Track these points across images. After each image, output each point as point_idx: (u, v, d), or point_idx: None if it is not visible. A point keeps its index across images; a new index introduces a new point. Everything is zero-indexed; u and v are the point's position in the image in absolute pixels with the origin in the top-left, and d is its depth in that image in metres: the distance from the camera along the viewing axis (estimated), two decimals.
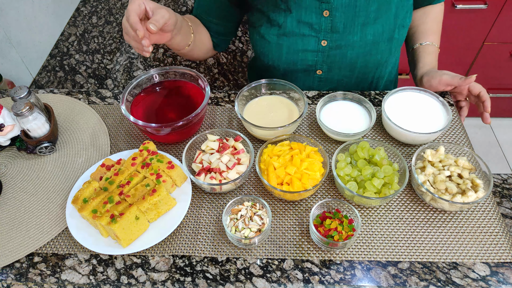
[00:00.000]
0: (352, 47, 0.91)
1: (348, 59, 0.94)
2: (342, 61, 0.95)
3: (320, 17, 0.88)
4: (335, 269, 0.69)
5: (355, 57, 0.93)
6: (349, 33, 0.89)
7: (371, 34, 0.89)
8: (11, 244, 0.73)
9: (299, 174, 0.74)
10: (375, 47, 0.92)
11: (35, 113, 0.81)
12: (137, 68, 1.16)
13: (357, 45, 0.91)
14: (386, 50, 0.94)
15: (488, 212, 0.75)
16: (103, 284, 0.69)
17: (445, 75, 0.90)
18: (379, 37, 0.90)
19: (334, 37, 0.90)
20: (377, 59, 0.95)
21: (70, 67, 1.18)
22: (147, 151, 0.80)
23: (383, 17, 0.88)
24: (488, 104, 0.87)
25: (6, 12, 1.17)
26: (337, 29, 0.89)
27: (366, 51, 0.92)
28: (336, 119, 0.88)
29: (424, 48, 1.01)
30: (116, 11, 1.37)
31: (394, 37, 0.92)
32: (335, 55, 0.93)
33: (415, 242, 0.72)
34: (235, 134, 0.82)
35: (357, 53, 0.92)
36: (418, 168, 0.79)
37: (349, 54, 0.93)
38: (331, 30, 0.89)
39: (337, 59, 0.94)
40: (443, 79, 0.90)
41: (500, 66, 1.83)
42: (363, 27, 0.88)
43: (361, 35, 0.89)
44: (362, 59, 0.94)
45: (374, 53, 0.93)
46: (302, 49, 0.93)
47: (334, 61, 0.95)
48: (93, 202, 0.71)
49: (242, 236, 0.69)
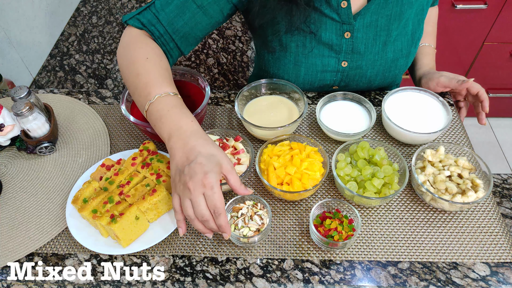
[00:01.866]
0: (373, 66, 0.91)
1: (367, 77, 0.93)
2: (361, 79, 0.94)
3: (341, 38, 0.86)
4: (335, 269, 0.69)
5: (375, 75, 0.93)
6: (370, 53, 0.88)
7: (391, 52, 0.89)
8: (11, 244, 0.73)
9: (299, 174, 0.74)
10: (394, 63, 0.91)
11: (35, 113, 0.81)
12: None
13: (377, 63, 0.90)
14: (404, 65, 0.93)
15: (488, 212, 0.75)
16: (103, 284, 0.69)
17: (443, 77, 0.90)
18: (398, 53, 0.90)
19: (355, 58, 0.89)
20: (395, 73, 0.95)
21: (70, 67, 1.18)
22: (147, 151, 0.80)
23: (402, 34, 0.88)
24: (486, 104, 0.87)
25: (6, 12, 1.17)
26: (358, 50, 0.88)
27: (385, 68, 0.92)
28: (336, 119, 0.88)
29: (421, 49, 1.02)
30: (116, 11, 1.37)
31: (411, 52, 0.92)
32: (354, 75, 0.92)
33: (415, 242, 0.72)
34: (235, 134, 0.82)
35: (377, 71, 0.92)
36: (418, 168, 0.79)
37: (369, 73, 0.92)
38: (352, 51, 0.88)
39: (356, 78, 0.93)
40: (441, 81, 0.90)
41: (500, 66, 1.83)
42: (384, 46, 0.88)
43: (381, 54, 0.89)
44: (381, 76, 0.94)
45: (393, 69, 0.93)
46: (321, 70, 0.91)
47: (353, 80, 0.94)
48: (93, 202, 0.71)
49: (241, 234, 0.69)
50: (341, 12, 0.82)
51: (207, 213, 0.61)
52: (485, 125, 0.88)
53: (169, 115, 0.67)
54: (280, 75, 0.94)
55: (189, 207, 0.61)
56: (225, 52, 1.19)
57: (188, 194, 0.60)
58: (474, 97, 0.90)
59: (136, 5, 1.37)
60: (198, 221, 0.62)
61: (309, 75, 0.92)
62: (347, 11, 0.82)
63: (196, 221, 0.62)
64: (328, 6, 0.82)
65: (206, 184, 0.59)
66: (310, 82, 0.94)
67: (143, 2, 1.39)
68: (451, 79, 0.89)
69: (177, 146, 0.64)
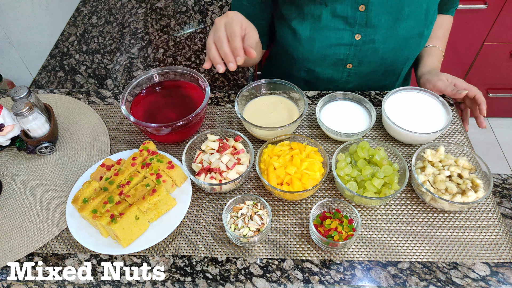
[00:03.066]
0: (384, 42, 0.92)
1: (379, 53, 0.94)
2: (374, 56, 0.95)
3: (356, 11, 0.88)
4: (335, 269, 0.69)
5: (387, 52, 0.94)
6: (382, 27, 0.90)
7: (403, 29, 0.90)
8: (11, 244, 0.73)
9: (299, 174, 0.74)
10: (406, 42, 0.92)
11: (35, 113, 0.81)
12: (137, 68, 1.16)
13: (389, 40, 0.91)
14: (416, 46, 0.95)
15: (488, 212, 0.75)
16: (103, 284, 0.69)
17: (440, 81, 0.91)
18: (410, 32, 0.91)
19: (368, 32, 0.90)
20: (405, 54, 0.96)
21: (70, 67, 1.18)
22: (147, 151, 0.80)
23: (415, 12, 0.89)
24: (483, 107, 0.87)
25: (6, 12, 1.17)
26: (371, 24, 0.89)
27: (397, 46, 0.93)
28: (336, 119, 0.88)
29: (427, 50, 1.03)
30: (116, 11, 1.37)
31: (424, 34, 0.93)
32: (367, 50, 0.94)
33: (415, 242, 0.72)
34: (235, 134, 0.82)
35: (388, 48, 0.93)
36: (418, 168, 0.79)
37: (381, 49, 0.93)
38: (366, 24, 0.89)
39: (369, 53, 0.94)
40: (437, 85, 0.91)
41: (500, 66, 1.83)
42: (396, 22, 0.89)
43: (394, 31, 0.90)
44: (392, 54, 0.95)
45: (404, 48, 0.94)
46: (335, 43, 0.93)
47: (366, 56, 0.95)
48: (93, 202, 0.71)
49: (241, 234, 0.69)
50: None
51: (223, 36, 0.72)
52: (485, 127, 0.88)
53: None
54: (295, 48, 0.96)
55: (211, 34, 0.74)
56: None
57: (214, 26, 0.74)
58: (471, 101, 0.89)
59: (136, 5, 1.37)
60: (215, 48, 0.73)
61: (323, 49, 0.94)
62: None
63: (213, 47, 0.73)
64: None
65: (227, 14, 0.74)
66: (323, 56, 0.95)
67: (143, 2, 1.39)
68: (447, 85, 0.90)
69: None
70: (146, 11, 1.37)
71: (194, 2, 1.39)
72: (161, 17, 1.33)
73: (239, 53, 0.71)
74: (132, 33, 1.28)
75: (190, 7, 1.37)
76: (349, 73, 1.00)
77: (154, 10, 1.37)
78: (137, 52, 1.20)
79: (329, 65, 0.98)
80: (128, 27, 1.30)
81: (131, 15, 1.35)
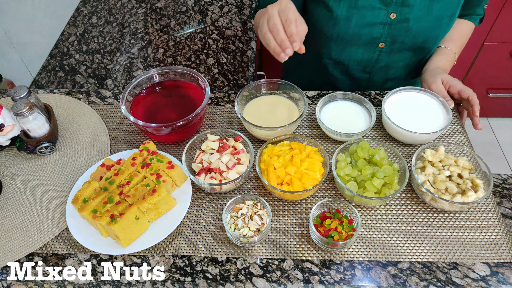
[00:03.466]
0: (418, 21, 0.92)
1: (412, 32, 0.95)
2: (406, 35, 0.95)
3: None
4: (335, 269, 0.69)
5: (419, 32, 0.94)
6: (418, 7, 0.90)
7: (437, 10, 0.91)
8: (11, 244, 0.73)
9: (299, 174, 0.74)
10: (437, 22, 0.93)
11: (35, 113, 0.81)
12: (137, 68, 1.16)
13: (422, 19, 0.92)
14: (445, 27, 0.96)
15: (488, 212, 0.75)
16: (103, 284, 0.69)
17: (434, 84, 0.91)
18: (443, 13, 0.92)
19: (404, 11, 0.91)
20: (436, 34, 0.97)
21: (70, 67, 1.18)
22: (147, 151, 0.80)
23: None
24: (475, 109, 0.86)
25: (6, 12, 1.17)
26: (407, 3, 0.90)
27: (429, 26, 0.93)
28: (336, 119, 0.88)
29: (438, 50, 1.03)
30: (116, 11, 1.37)
31: (455, 14, 0.94)
32: (400, 28, 0.94)
33: (415, 242, 0.72)
34: (235, 134, 0.82)
35: (421, 27, 0.93)
36: (418, 168, 0.79)
37: (414, 28, 0.94)
38: (402, 3, 0.90)
39: (402, 32, 0.95)
40: (431, 88, 0.92)
41: (500, 66, 1.83)
42: (432, 1, 0.90)
43: (428, 10, 0.91)
44: (424, 34, 0.95)
45: (436, 28, 0.94)
46: (370, 22, 0.93)
47: (399, 35, 0.95)
48: (93, 202, 0.71)
49: (241, 234, 0.69)
50: None
51: (278, 22, 0.71)
52: (480, 129, 0.87)
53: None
54: (330, 28, 0.96)
55: (265, 23, 0.74)
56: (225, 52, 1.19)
57: (267, 14, 0.74)
58: (466, 102, 0.89)
59: (136, 5, 1.37)
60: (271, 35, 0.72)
61: (358, 27, 0.94)
62: None
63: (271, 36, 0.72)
64: None
65: (281, 1, 0.74)
66: (358, 35, 0.96)
67: (143, 2, 1.39)
68: (440, 90, 0.90)
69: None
70: (146, 11, 1.37)
71: (194, 2, 1.39)
72: (161, 17, 1.33)
73: (295, 38, 0.71)
74: (132, 33, 1.28)
75: (190, 7, 1.37)
76: (380, 52, 1.00)
77: (154, 10, 1.37)
78: (137, 52, 1.20)
79: (363, 44, 0.98)
80: (128, 27, 1.30)
81: (131, 15, 1.35)
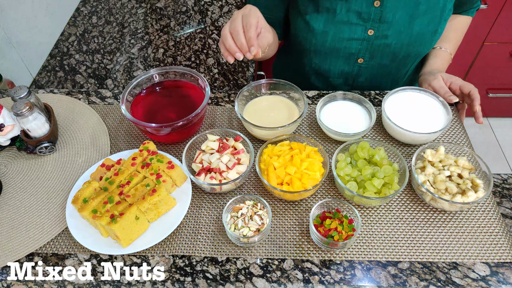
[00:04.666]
0: (398, 38, 0.92)
1: (392, 48, 0.94)
2: (385, 51, 0.95)
3: (370, 6, 0.88)
4: (335, 269, 0.69)
5: (399, 48, 0.94)
6: (396, 23, 0.90)
7: (417, 26, 0.90)
8: (11, 244, 0.73)
9: (299, 174, 0.74)
10: (419, 38, 0.92)
11: (35, 113, 0.81)
12: (137, 68, 1.16)
13: (403, 36, 0.92)
14: (428, 43, 0.95)
15: (488, 212, 0.75)
16: (103, 284, 0.69)
17: (435, 80, 0.91)
18: (424, 29, 0.91)
19: (382, 27, 0.91)
20: (418, 50, 0.96)
21: (70, 67, 1.18)
22: (147, 151, 0.80)
23: (432, 9, 0.89)
24: (475, 104, 0.87)
25: (6, 12, 1.16)
26: (385, 20, 0.89)
27: (410, 42, 0.93)
28: (336, 119, 0.88)
29: (434, 51, 1.03)
30: (116, 11, 1.37)
31: (438, 31, 0.93)
32: (379, 45, 0.94)
33: (415, 242, 0.72)
34: (235, 134, 0.82)
35: (401, 43, 0.93)
36: (418, 168, 0.79)
37: (394, 44, 0.93)
38: (380, 20, 0.89)
39: (381, 48, 0.95)
40: (432, 84, 0.92)
41: (500, 66, 1.83)
42: (411, 18, 0.89)
43: (408, 27, 0.90)
44: (405, 50, 0.95)
45: (417, 44, 0.94)
46: (347, 38, 0.93)
47: (378, 50, 0.95)
48: (93, 202, 0.71)
49: (241, 234, 0.69)
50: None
51: (239, 26, 0.73)
52: (482, 123, 0.88)
53: None
54: (308, 40, 0.96)
55: (227, 24, 0.75)
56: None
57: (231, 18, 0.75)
58: (468, 98, 0.89)
59: (136, 5, 1.37)
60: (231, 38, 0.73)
61: (335, 42, 0.94)
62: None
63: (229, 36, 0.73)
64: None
65: (246, 7, 0.75)
66: (336, 49, 0.96)
67: (143, 2, 1.38)
68: (441, 86, 0.90)
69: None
70: (146, 11, 1.37)
71: (194, 2, 1.39)
72: (161, 17, 1.33)
73: (253, 43, 0.72)
74: (132, 33, 1.28)
75: (190, 7, 1.37)
76: (360, 67, 1.00)
77: (154, 10, 1.37)
78: (137, 52, 1.20)
79: (341, 58, 0.98)
80: (128, 27, 1.30)
81: (131, 15, 1.35)
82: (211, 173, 0.77)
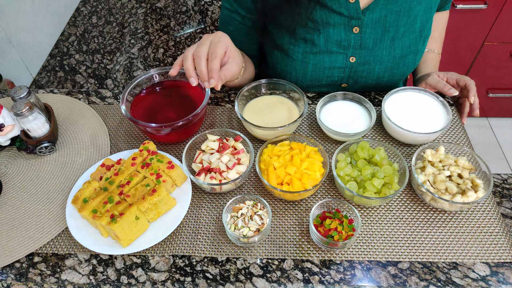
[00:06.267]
0: (381, 62, 0.91)
1: (375, 73, 0.93)
2: (369, 75, 0.94)
3: (350, 33, 0.86)
4: (335, 269, 0.69)
5: (383, 71, 0.93)
6: (378, 48, 0.88)
7: (399, 48, 0.89)
8: (11, 244, 0.73)
9: (299, 174, 0.74)
10: (402, 60, 0.91)
11: (35, 113, 0.81)
12: (137, 68, 1.16)
13: (385, 59, 0.90)
14: (412, 62, 0.94)
15: (488, 212, 0.75)
16: (103, 284, 0.69)
17: (431, 77, 0.92)
18: (406, 50, 0.90)
19: (363, 54, 0.89)
20: (403, 71, 0.95)
21: (70, 67, 1.18)
22: (147, 151, 0.80)
23: (410, 30, 0.88)
24: (470, 94, 0.87)
25: (6, 12, 1.17)
26: (366, 46, 0.88)
27: (393, 65, 0.92)
28: (336, 119, 0.88)
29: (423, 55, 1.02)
30: (116, 11, 1.37)
31: (419, 49, 0.92)
32: (362, 71, 0.93)
33: (415, 242, 0.72)
34: (235, 134, 0.82)
35: (385, 67, 0.92)
36: (418, 168, 0.79)
37: (377, 69, 0.92)
38: (360, 46, 0.88)
39: (364, 74, 0.93)
40: (429, 82, 0.92)
41: (500, 66, 1.83)
42: (392, 42, 0.88)
43: (390, 50, 0.89)
44: (389, 73, 0.94)
45: (401, 66, 0.93)
46: (329, 66, 0.91)
47: (361, 76, 0.94)
48: (93, 202, 0.71)
49: (241, 234, 0.69)
50: (350, 7, 0.82)
51: (204, 53, 0.71)
52: (478, 116, 0.88)
53: None
54: (288, 72, 0.94)
55: (193, 47, 0.72)
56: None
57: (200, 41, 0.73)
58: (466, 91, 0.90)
59: (136, 5, 1.37)
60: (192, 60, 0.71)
61: (316, 72, 0.92)
62: (355, 5, 0.82)
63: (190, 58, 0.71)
64: (336, 2, 0.82)
65: (217, 34, 0.73)
66: (318, 79, 0.94)
67: (143, 2, 1.39)
68: (439, 81, 0.90)
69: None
70: (146, 11, 1.37)
71: (194, 2, 1.39)
72: (161, 17, 1.33)
73: (213, 75, 0.70)
74: (132, 33, 1.28)
75: (190, 7, 1.37)
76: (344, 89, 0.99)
77: (154, 10, 1.37)
78: (137, 52, 1.21)
79: (324, 85, 0.97)
80: (128, 27, 1.30)
81: (131, 15, 1.35)
82: (211, 173, 0.77)
